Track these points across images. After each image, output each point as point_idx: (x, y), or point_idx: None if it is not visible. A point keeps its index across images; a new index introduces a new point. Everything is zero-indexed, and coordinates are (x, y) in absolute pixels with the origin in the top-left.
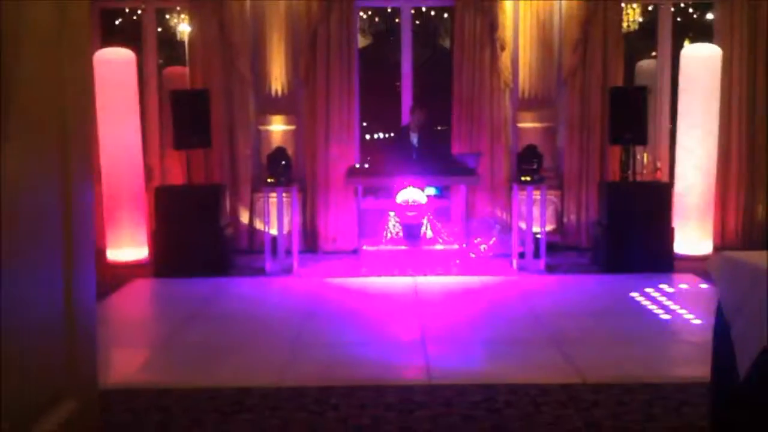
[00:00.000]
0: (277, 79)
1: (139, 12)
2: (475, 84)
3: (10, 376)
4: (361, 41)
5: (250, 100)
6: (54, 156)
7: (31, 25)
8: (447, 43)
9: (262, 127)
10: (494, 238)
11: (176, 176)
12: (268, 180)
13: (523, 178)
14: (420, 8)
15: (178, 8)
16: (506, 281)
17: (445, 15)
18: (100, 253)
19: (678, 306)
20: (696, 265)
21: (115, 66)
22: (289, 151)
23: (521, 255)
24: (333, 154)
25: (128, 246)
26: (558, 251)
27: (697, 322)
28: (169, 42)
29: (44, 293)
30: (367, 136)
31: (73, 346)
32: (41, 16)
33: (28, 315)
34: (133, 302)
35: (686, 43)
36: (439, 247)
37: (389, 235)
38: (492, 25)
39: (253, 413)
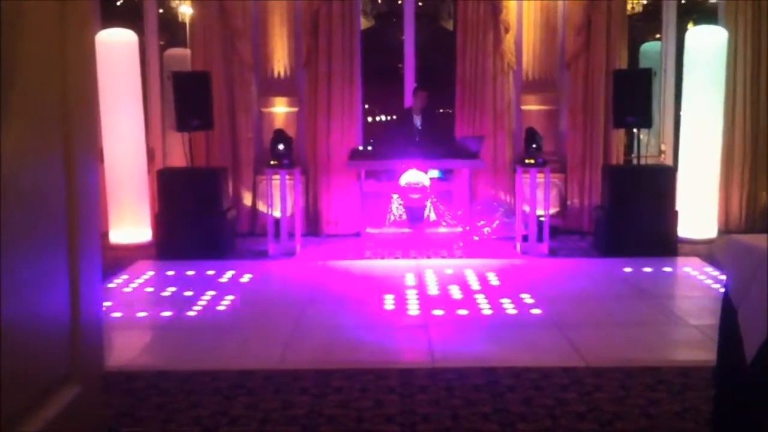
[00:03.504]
0: (279, 61)
1: None
2: (478, 67)
3: (13, 359)
4: (364, 23)
5: (251, 83)
6: (57, 137)
7: (32, 5)
8: (450, 26)
9: (264, 110)
10: (497, 221)
11: (178, 158)
12: (271, 162)
13: (526, 161)
14: None
15: None
16: (509, 264)
17: None
18: (103, 235)
19: (682, 289)
20: (700, 249)
21: (116, 48)
22: (291, 134)
23: (524, 238)
24: (335, 137)
25: (131, 228)
26: (560, 234)
27: (701, 305)
28: (170, 24)
29: (49, 277)
30: (370, 119)
31: (77, 330)
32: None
33: (32, 298)
34: (136, 284)
35: (690, 26)
36: (442, 230)
37: (392, 217)
38: (495, 7)
39: (254, 396)
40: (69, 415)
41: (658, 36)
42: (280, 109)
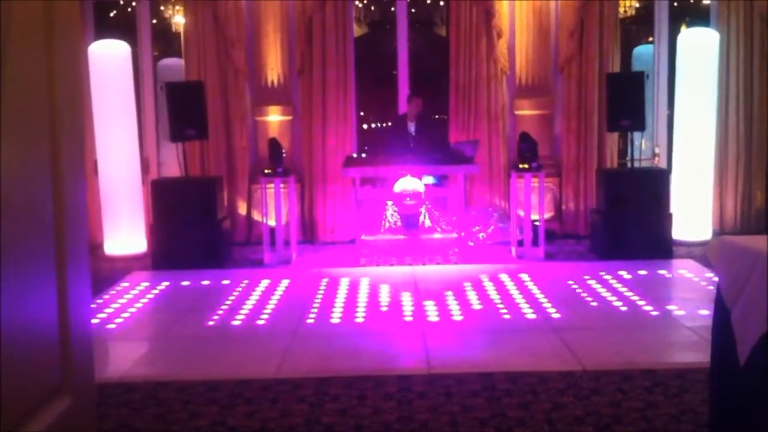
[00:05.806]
0: (273, 70)
1: (134, 4)
2: (472, 72)
3: (2, 372)
4: (357, 30)
5: (245, 91)
6: (44, 151)
7: (17, 17)
8: (443, 32)
9: (258, 118)
10: (492, 227)
11: (173, 169)
12: (266, 171)
13: (521, 166)
14: None
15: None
16: (505, 269)
17: (441, 3)
18: (98, 246)
19: (677, 292)
20: (695, 251)
21: (110, 59)
22: (286, 142)
23: (520, 243)
24: (330, 144)
25: (126, 239)
26: (556, 239)
27: (697, 307)
28: (164, 34)
29: (37, 289)
30: (365, 126)
31: (67, 342)
32: (29, 9)
33: (21, 311)
34: (132, 295)
35: (683, 28)
36: (437, 236)
37: (387, 224)
38: (488, 12)
39: (251, 405)
40: (60, 427)
41: (650, 39)
42: (275, 117)
